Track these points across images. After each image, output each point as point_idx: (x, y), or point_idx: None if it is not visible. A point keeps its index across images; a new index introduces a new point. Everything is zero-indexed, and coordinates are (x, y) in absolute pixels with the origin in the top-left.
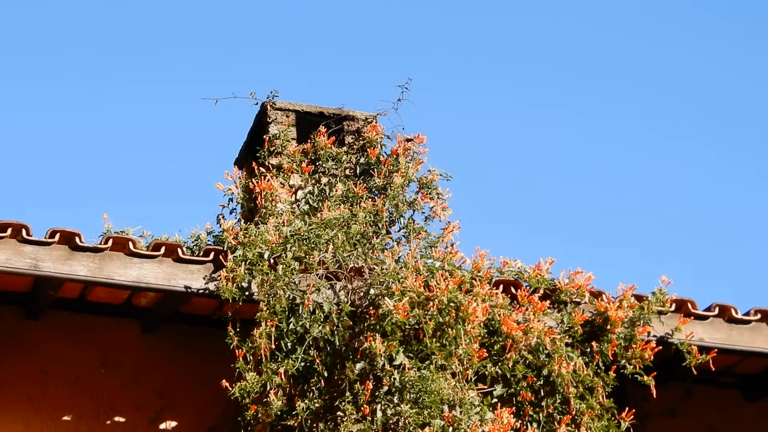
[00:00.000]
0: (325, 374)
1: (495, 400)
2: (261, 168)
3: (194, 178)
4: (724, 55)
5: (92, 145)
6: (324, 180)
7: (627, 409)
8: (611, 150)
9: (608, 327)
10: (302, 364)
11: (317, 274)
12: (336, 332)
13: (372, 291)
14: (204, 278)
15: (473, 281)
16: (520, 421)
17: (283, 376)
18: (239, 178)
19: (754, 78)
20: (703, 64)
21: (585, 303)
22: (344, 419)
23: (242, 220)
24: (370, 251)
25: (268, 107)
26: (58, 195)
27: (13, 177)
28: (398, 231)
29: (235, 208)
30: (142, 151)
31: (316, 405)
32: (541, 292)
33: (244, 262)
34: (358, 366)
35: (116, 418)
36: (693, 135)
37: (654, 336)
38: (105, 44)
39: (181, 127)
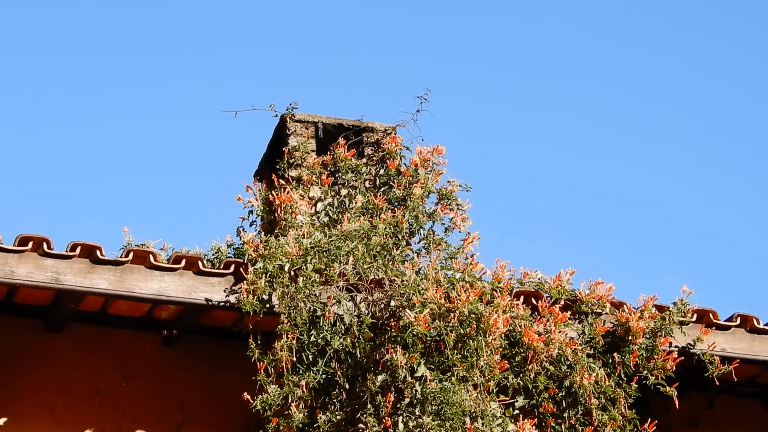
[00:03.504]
0: (347, 386)
1: (517, 411)
2: (281, 180)
3: (214, 190)
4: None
5: (112, 156)
6: (344, 192)
7: (649, 420)
8: (634, 162)
9: (630, 338)
10: (323, 376)
11: (338, 286)
12: (357, 344)
13: (393, 303)
14: (225, 291)
15: (494, 292)
16: None
17: (304, 389)
18: (259, 190)
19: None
20: (723, 80)
21: (606, 314)
22: (366, 431)
23: (262, 233)
24: (391, 263)
25: (288, 119)
26: (78, 207)
27: (34, 189)
28: (418, 242)
29: (255, 221)
30: (162, 163)
31: (338, 417)
32: (562, 303)
33: (264, 275)
34: (380, 378)
35: (137, 431)
36: (718, 147)
37: (676, 346)
38: (126, 56)
39: (200, 139)
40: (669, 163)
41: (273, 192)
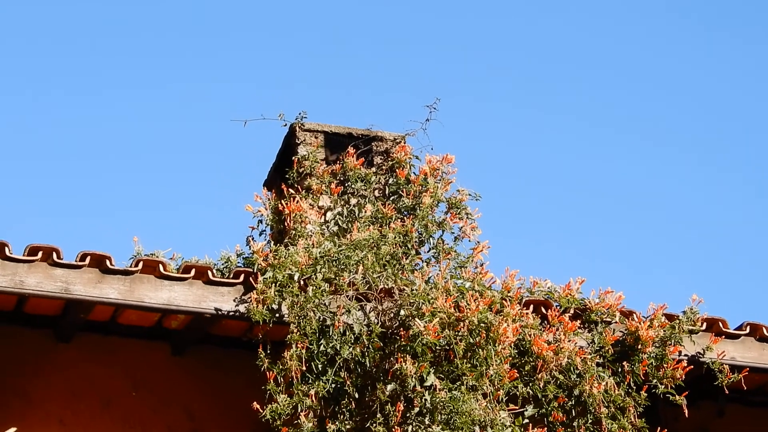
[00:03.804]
0: (356, 396)
1: (526, 420)
2: (290, 189)
3: (223, 200)
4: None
5: (121, 166)
6: (353, 201)
7: (659, 428)
8: (643, 167)
9: (639, 346)
10: (333, 385)
11: (347, 296)
12: (366, 353)
13: (402, 312)
14: (234, 300)
15: (503, 301)
16: None
17: (314, 398)
18: (268, 199)
19: None
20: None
21: (616, 322)
22: None
23: (272, 242)
24: (400, 272)
25: (297, 128)
26: (88, 215)
27: (42, 198)
28: (428, 251)
29: (264, 230)
30: (172, 172)
31: (348, 427)
32: (572, 311)
33: (274, 284)
34: (389, 387)
35: None
36: (728, 151)
37: (685, 355)
38: (131, 58)
39: (210, 149)
40: (681, 168)
41: (282, 201)
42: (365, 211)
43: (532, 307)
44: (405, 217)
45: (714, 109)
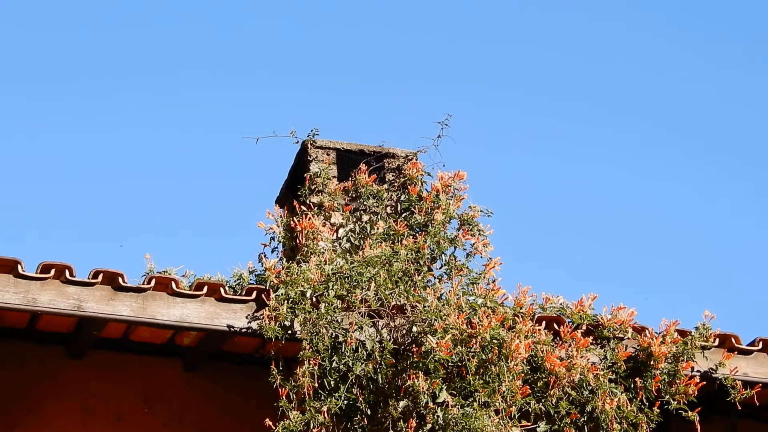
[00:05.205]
0: (369, 412)
1: None
2: (302, 206)
3: (235, 217)
4: None
5: (133, 184)
6: (365, 218)
7: None
8: (653, 187)
9: (652, 362)
10: (345, 402)
11: (359, 312)
12: (379, 370)
13: (414, 328)
14: (246, 317)
15: (516, 318)
16: None
17: (326, 415)
18: (280, 216)
19: None
20: None
21: (628, 338)
22: None
23: (284, 259)
24: (412, 289)
25: (309, 145)
26: (100, 235)
27: (55, 218)
28: (440, 268)
29: (276, 247)
30: (184, 189)
31: None
32: (584, 328)
33: (286, 301)
34: (402, 404)
35: None
36: (736, 169)
37: (698, 371)
38: (147, 85)
39: (222, 166)
40: (693, 186)
41: (294, 218)
42: (377, 228)
43: (544, 323)
44: (417, 234)
45: (726, 128)
